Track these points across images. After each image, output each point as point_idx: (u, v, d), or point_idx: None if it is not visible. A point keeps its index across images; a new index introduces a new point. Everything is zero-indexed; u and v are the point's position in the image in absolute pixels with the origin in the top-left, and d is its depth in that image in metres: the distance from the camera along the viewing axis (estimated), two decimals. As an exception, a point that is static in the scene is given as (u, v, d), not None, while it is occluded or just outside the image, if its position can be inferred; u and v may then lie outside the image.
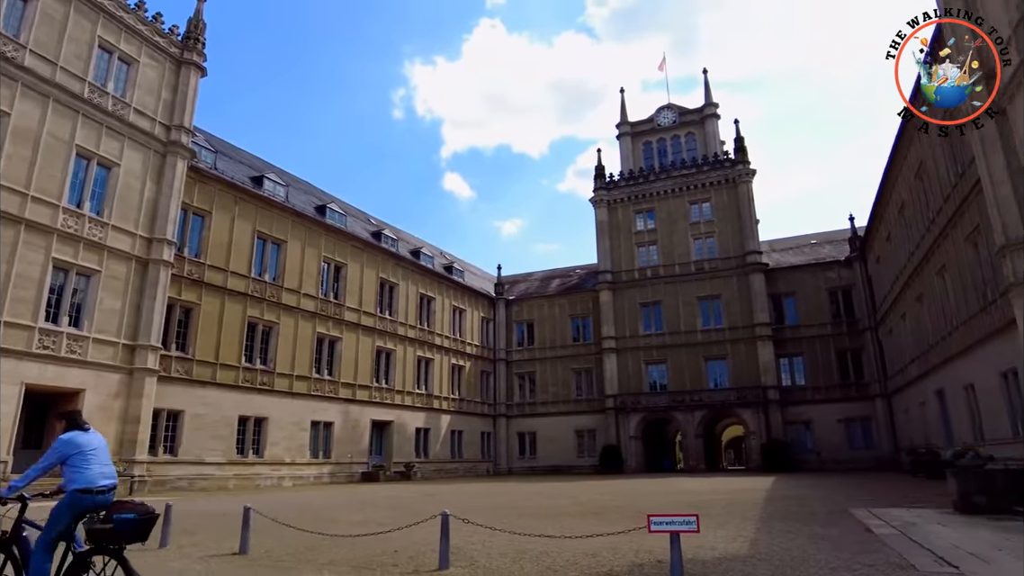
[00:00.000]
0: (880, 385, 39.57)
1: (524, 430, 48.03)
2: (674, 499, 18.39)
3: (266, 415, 29.95)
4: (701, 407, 42.28)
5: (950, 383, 26.18)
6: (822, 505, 15.35)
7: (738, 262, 44.49)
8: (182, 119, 26.87)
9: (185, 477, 25.86)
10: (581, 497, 19.82)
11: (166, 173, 26.01)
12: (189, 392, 26.65)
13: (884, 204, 34.06)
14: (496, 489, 25.82)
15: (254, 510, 9.70)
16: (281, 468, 30.33)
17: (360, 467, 34.83)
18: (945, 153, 23.32)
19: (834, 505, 15.27)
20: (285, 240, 32.61)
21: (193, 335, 27.44)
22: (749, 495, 19.23)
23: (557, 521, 12.81)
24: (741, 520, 12.25)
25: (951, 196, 23.10)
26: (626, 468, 42.27)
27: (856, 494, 18.79)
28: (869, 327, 40.83)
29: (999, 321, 20.12)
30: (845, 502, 15.97)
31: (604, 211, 49.02)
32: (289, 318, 32.16)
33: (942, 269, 25.40)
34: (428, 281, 43.43)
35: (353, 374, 35.61)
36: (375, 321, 37.88)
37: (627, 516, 13.64)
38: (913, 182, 27.79)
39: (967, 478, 13.04)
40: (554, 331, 49.19)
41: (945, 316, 25.84)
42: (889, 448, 38.63)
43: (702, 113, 50.69)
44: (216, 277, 28.75)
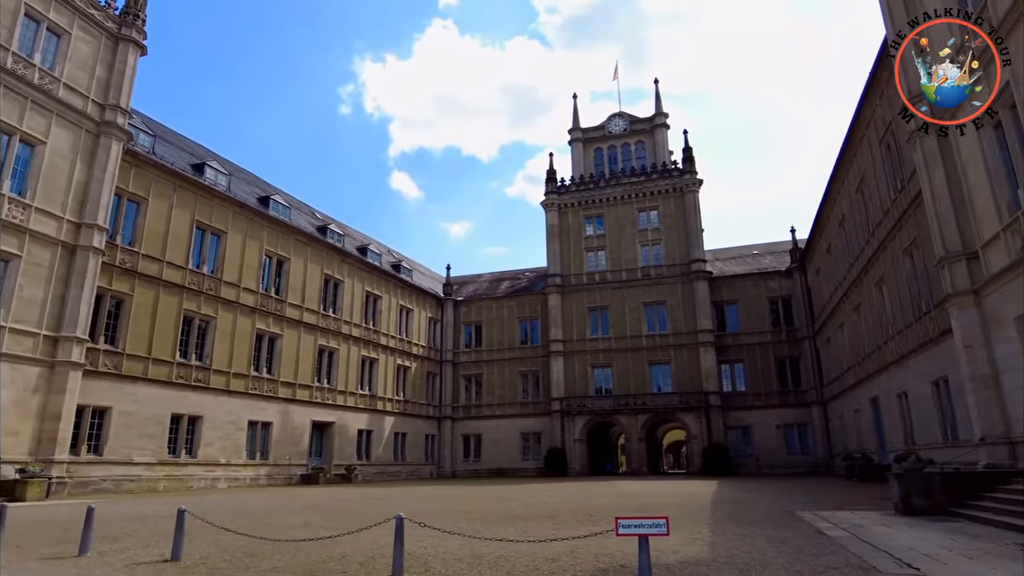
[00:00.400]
0: (817, 392, 40.90)
1: (469, 432, 47.50)
2: (622, 502, 18.31)
3: (201, 414, 28.50)
4: (645, 411, 42.75)
5: (884, 391, 27.18)
6: (769, 508, 15.52)
7: (683, 269, 45.29)
8: (118, 99, 25.32)
9: (110, 478, 24.29)
10: (530, 500, 19.55)
11: (99, 155, 24.43)
12: (118, 388, 25.07)
13: (826, 217, 35.24)
14: (443, 492, 25.28)
15: (188, 513, 8.97)
16: (216, 469, 28.91)
17: (299, 469, 33.61)
18: (886, 168, 24.19)
19: (780, 508, 15.47)
20: (226, 231, 31.20)
21: (124, 328, 25.84)
22: (696, 498, 19.36)
23: (510, 524, 12.47)
24: (694, 523, 12.19)
25: (890, 210, 23.96)
26: (570, 471, 42.31)
27: (798, 498, 19.16)
28: (807, 336, 42.18)
29: (932, 332, 20.96)
30: (790, 505, 16.22)
31: (555, 215, 49.10)
32: (227, 313, 30.75)
33: (880, 281, 26.34)
34: (375, 279, 42.45)
35: (294, 373, 34.37)
36: (318, 319, 36.71)
37: (579, 519, 13.44)
38: (854, 196, 28.79)
39: (908, 481, 13.39)
40: (502, 333, 48.90)
41: (882, 326, 26.81)
42: (824, 453, 39.95)
43: (652, 122, 51.47)
44: (151, 267, 27.21)
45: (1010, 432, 14.25)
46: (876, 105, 24.34)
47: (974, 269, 15.50)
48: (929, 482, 13.35)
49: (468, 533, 9.25)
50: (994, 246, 14.49)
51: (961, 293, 15.58)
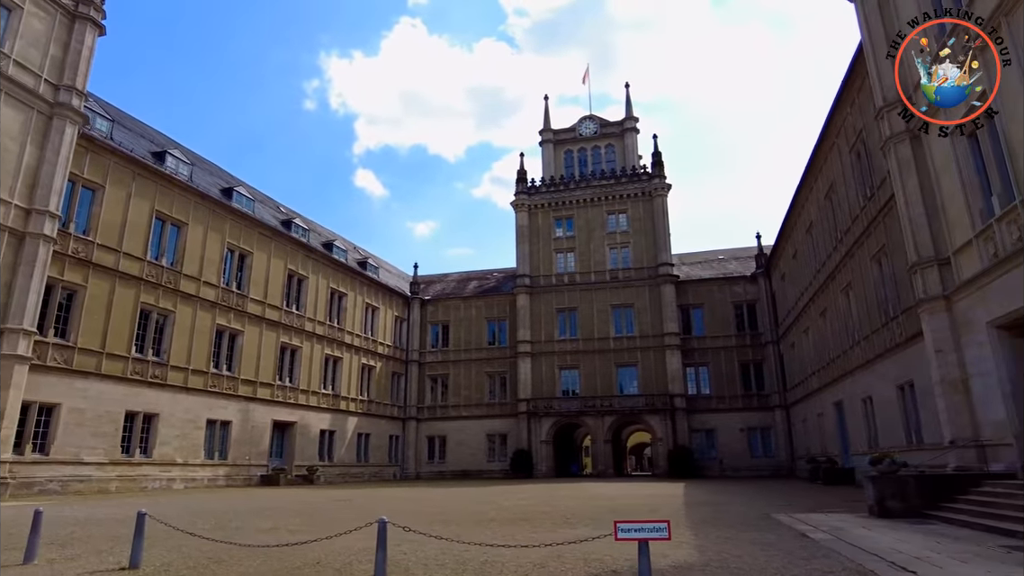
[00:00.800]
0: (780, 396, 41.51)
1: (434, 434, 46.83)
2: (594, 504, 18.05)
3: (157, 411, 27.31)
4: (612, 413, 42.78)
5: (849, 395, 27.61)
6: (744, 511, 15.45)
7: (651, 273, 45.52)
8: (73, 80, 24.08)
9: (57, 479, 23.02)
10: (502, 502, 19.16)
11: (52, 138, 23.18)
12: (68, 383, 23.80)
13: (793, 223, 35.76)
14: (410, 494, 24.70)
15: (147, 516, 8.33)
16: (172, 469, 27.74)
17: (259, 470, 32.55)
18: (856, 176, 24.57)
19: (755, 511, 15.41)
20: (186, 223, 30.03)
21: (76, 321, 24.56)
22: (668, 500, 19.27)
23: (486, 527, 12.08)
24: (673, 526, 11.94)
25: (859, 217, 24.34)
26: (536, 473, 42.06)
27: (769, 500, 19.22)
28: (771, 340, 42.80)
29: (899, 337, 21.31)
30: (764, 508, 16.19)
31: (525, 215, 48.87)
32: (187, 307, 29.60)
33: (847, 287, 26.75)
34: (340, 276, 41.51)
35: (255, 370, 33.29)
36: (281, 315, 35.67)
37: (556, 522, 13.13)
38: (823, 203, 29.23)
39: (883, 484, 13.45)
40: (469, 333, 48.40)
41: (847, 332, 27.23)
42: (786, 456, 40.55)
43: (622, 126, 51.74)
44: (107, 258, 25.97)
45: (979, 435, 14.45)
46: (847, 113, 24.71)
47: (946, 275, 15.71)
48: (903, 485, 13.43)
49: (447, 536, 8.83)
50: (966, 252, 14.70)
51: (933, 299, 15.78)
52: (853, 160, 24.75)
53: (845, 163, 25.69)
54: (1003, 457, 13.53)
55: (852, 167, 24.84)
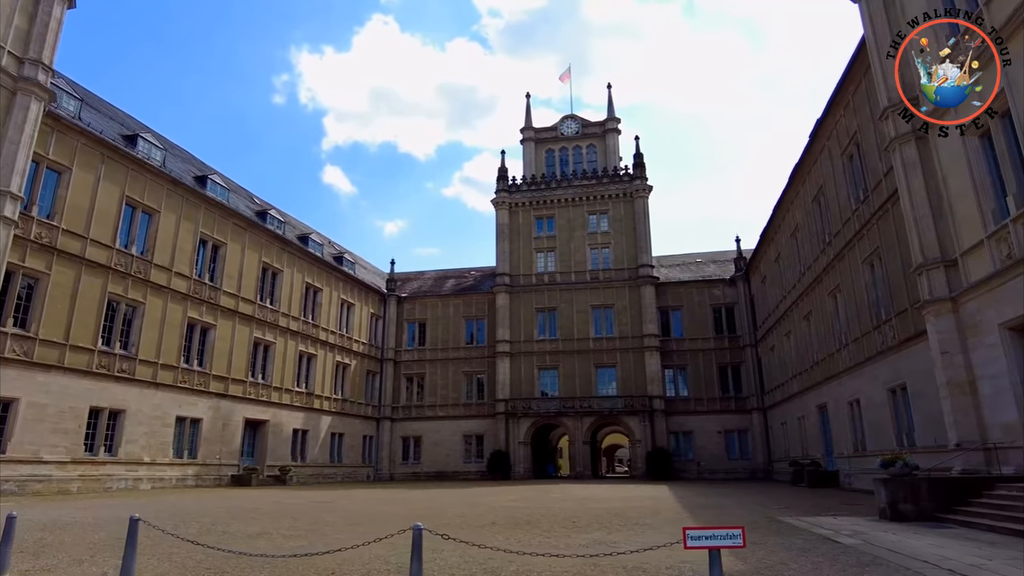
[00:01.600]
0: (758, 399, 41.65)
1: (409, 434, 45.81)
2: (590, 507, 17.48)
3: (123, 407, 25.87)
4: (591, 414, 42.38)
5: (834, 398, 27.64)
6: (748, 514, 15.05)
7: (631, 274, 45.31)
8: (40, 53, 22.56)
9: (14, 479, 21.49)
10: (492, 504, 18.48)
11: (15, 114, 21.65)
12: (27, 376, 22.28)
13: (776, 226, 35.84)
14: (392, 495, 23.80)
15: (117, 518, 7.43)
16: (139, 469, 26.30)
17: (230, 470, 31.20)
18: (847, 178, 24.55)
19: (756, 514, 15.04)
20: (158, 210, 28.61)
21: (38, 310, 23.04)
22: (664, 503, 18.83)
23: (495, 532, 11.40)
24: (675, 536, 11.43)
25: (851, 220, 24.32)
26: (514, 474, 41.42)
27: (762, 502, 18.93)
28: (750, 344, 42.93)
29: (892, 340, 21.28)
30: (763, 511, 15.85)
31: (505, 213, 48.21)
32: (157, 299, 28.19)
33: (835, 290, 26.77)
34: (316, 271, 40.27)
35: (227, 366, 31.94)
36: (254, 309, 34.35)
37: (564, 525, 12.52)
38: (810, 206, 29.25)
39: (895, 487, 13.18)
40: (447, 332, 47.50)
41: (834, 335, 27.24)
42: (763, 459, 40.68)
43: (604, 127, 51.49)
44: (72, 244, 24.49)
45: (987, 438, 14.30)
46: (840, 116, 24.69)
47: (952, 277, 15.57)
48: (916, 488, 13.17)
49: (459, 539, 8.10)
50: (976, 254, 14.56)
51: (939, 300, 15.61)
52: (845, 163, 24.74)
53: (836, 166, 25.69)
54: (1013, 460, 13.37)
55: (844, 170, 24.83)
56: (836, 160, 25.64)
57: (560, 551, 8.33)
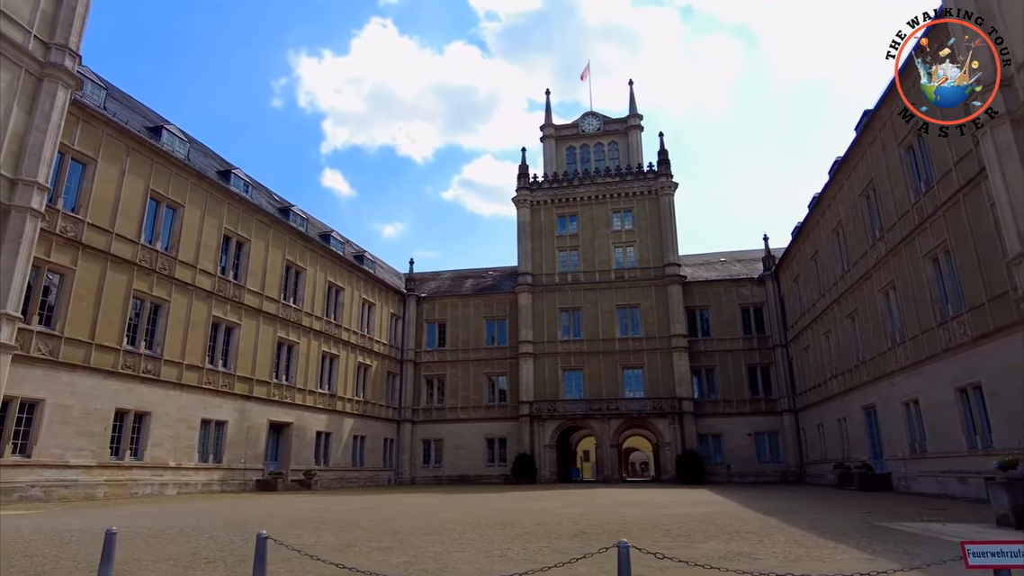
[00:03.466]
0: (789, 401, 40.65)
1: (430, 437, 44.73)
2: (662, 513, 16.41)
3: (149, 409, 24.83)
4: (618, 416, 41.36)
5: (884, 398, 26.64)
6: (838, 520, 13.98)
7: (657, 273, 44.37)
8: (66, 38, 21.59)
9: (40, 484, 20.46)
10: (556, 510, 17.39)
11: (41, 101, 20.67)
12: (53, 377, 21.25)
13: (814, 223, 34.85)
14: (437, 501, 22.62)
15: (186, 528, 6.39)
16: (164, 473, 25.25)
17: (254, 474, 30.14)
18: (906, 170, 23.60)
19: (854, 521, 13.99)
20: (183, 205, 27.62)
21: (63, 307, 22.02)
22: (730, 509, 17.81)
23: (619, 539, 10.34)
24: (797, 543, 10.43)
25: (909, 213, 23.36)
26: (539, 478, 40.39)
27: (830, 507, 17.86)
28: (780, 344, 41.95)
29: (961, 337, 20.30)
30: (845, 516, 14.82)
31: (527, 212, 47.25)
32: (182, 296, 27.17)
33: (887, 286, 25.78)
34: (338, 269, 39.27)
35: (251, 367, 30.91)
36: (278, 308, 33.34)
37: (666, 535, 11.45)
38: (857, 200, 28.27)
39: (1018, 491, 12.18)
40: (467, 333, 46.47)
41: (885, 333, 26.26)
42: (795, 462, 39.67)
43: (626, 123, 50.60)
44: (98, 239, 23.48)
45: (1101, 440, 13.31)
46: (896, 106, 23.69)
47: (1052, 268, 14.62)
48: (1042, 493, 12.15)
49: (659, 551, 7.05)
50: (1086, 242, 13.60)
51: (1039, 292, 14.66)
52: (903, 154, 23.78)
53: (891, 158, 24.72)
54: None
55: (901, 161, 23.87)
56: (891, 152, 24.67)
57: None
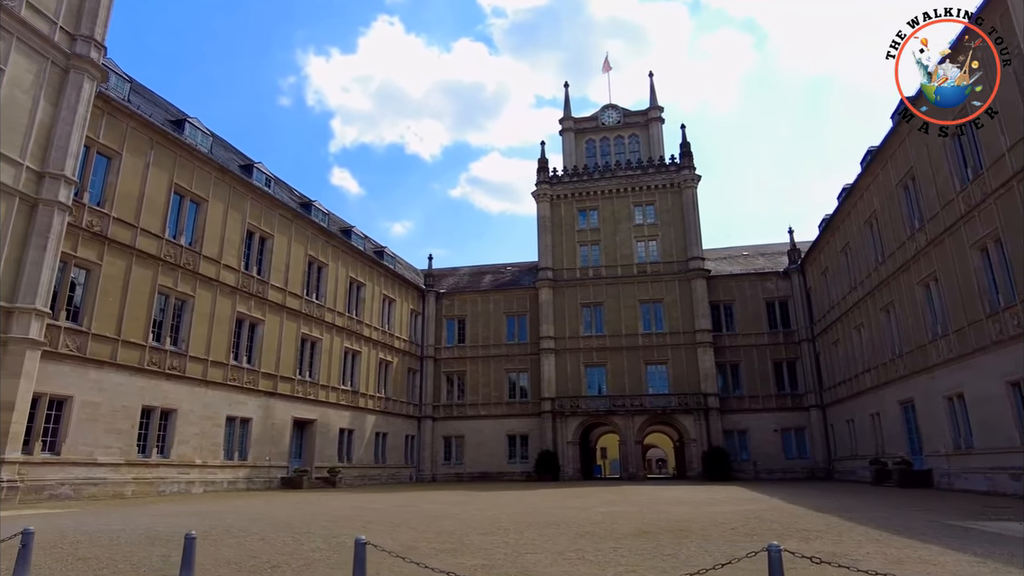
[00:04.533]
0: (816, 396, 39.93)
1: (451, 434, 44.31)
2: (708, 511, 15.86)
3: (175, 406, 24.49)
4: (642, 412, 40.78)
5: (924, 393, 25.94)
6: (905, 520, 13.31)
7: (681, 267, 43.72)
8: (92, 29, 21.26)
9: (69, 482, 20.15)
10: (599, 509, 16.85)
11: (68, 93, 20.36)
12: (81, 373, 20.93)
13: (844, 215, 34.08)
14: (473, 498, 22.08)
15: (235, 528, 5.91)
16: (191, 471, 24.91)
17: (279, 472, 29.80)
18: (950, 157, 22.88)
19: (912, 518, 13.38)
20: (206, 199, 27.26)
21: (89, 303, 21.68)
22: (777, 506, 17.23)
23: (692, 545, 9.82)
24: (881, 542, 9.86)
25: (954, 202, 22.65)
26: (563, 475, 39.89)
27: (886, 506, 17.23)
28: (806, 339, 41.23)
29: (1014, 329, 19.60)
30: (913, 515, 14.20)
31: (546, 206, 46.69)
32: (206, 292, 26.82)
33: (928, 278, 25.07)
34: (359, 265, 38.87)
35: (275, 363, 30.54)
36: (301, 304, 32.96)
37: (743, 536, 10.89)
38: (894, 190, 27.53)
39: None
40: (487, 328, 45.96)
41: (925, 326, 25.56)
42: (823, 458, 38.98)
43: (647, 116, 49.93)
44: (123, 234, 23.13)
45: None
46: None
47: None
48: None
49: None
50: None
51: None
52: (945, 142, 23.05)
53: (933, 146, 23.98)
54: None
55: (945, 149, 23.14)
56: (933, 140, 23.91)
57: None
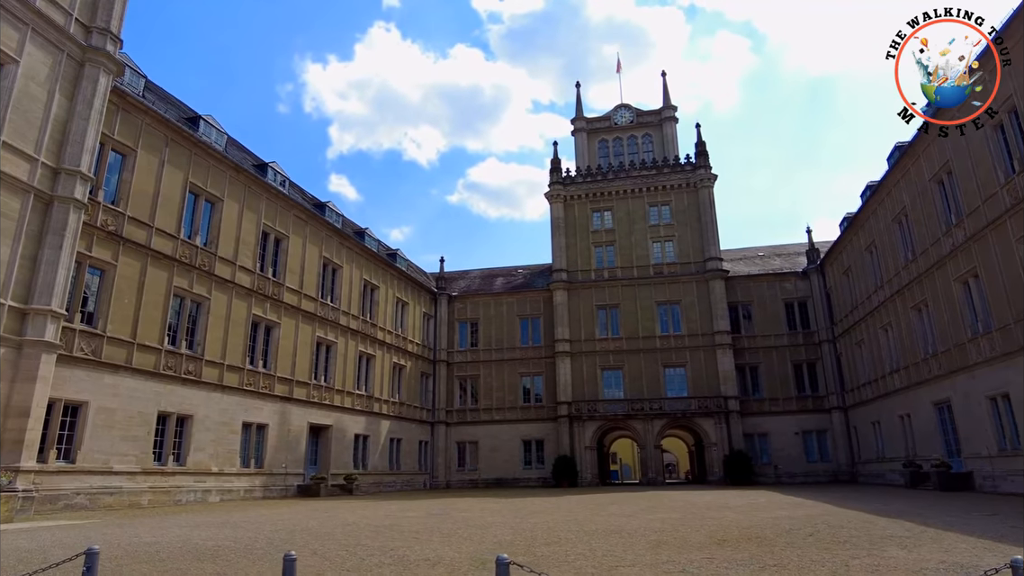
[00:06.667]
0: (838, 397, 39.17)
1: (465, 439, 43.46)
2: (755, 517, 15.07)
3: (191, 412, 23.68)
4: (661, 416, 39.99)
5: (961, 392, 25.19)
6: (980, 524, 12.61)
7: (698, 268, 43.01)
8: (107, 21, 20.57)
9: (85, 491, 19.34)
10: (642, 516, 16.07)
11: (83, 87, 19.65)
12: (96, 378, 20.13)
13: (869, 213, 33.38)
14: (505, 506, 21.24)
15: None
16: (207, 479, 24.09)
17: (295, 479, 28.98)
18: (992, 149, 22.19)
19: (983, 523, 12.62)
20: (221, 198, 26.53)
21: (104, 305, 20.91)
22: (829, 510, 16.43)
23: (758, 552, 9.06)
24: (977, 548, 9.10)
25: (997, 196, 21.96)
26: (581, 481, 39.05)
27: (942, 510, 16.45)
28: (827, 339, 40.48)
29: (1066, 325, 18.89)
30: (981, 520, 13.44)
31: (560, 207, 45.97)
32: (222, 294, 26.05)
33: (967, 274, 24.36)
34: (372, 267, 38.14)
35: (291, 368, 29.75)
36: (316, 307, 32.19)
37: (819, 542, 10.15)
38: (927, 185, 26.85)
39: None
40: (501, 332, 45.15)
41: (963, 324, 24.84)
42: (846, 461, 38.19)
43: (660, 115, 49.32)
44: (138, 233, 22.38)
45: None
46: (979, 81, 22.32)
47: None
48: None
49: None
50: None
51: None
52: (988, 133, 22.36)
53: (972, 138, 23.26)
54: None
55: (987, 140, 22.45)
56: (972, 133, 23.19)
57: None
